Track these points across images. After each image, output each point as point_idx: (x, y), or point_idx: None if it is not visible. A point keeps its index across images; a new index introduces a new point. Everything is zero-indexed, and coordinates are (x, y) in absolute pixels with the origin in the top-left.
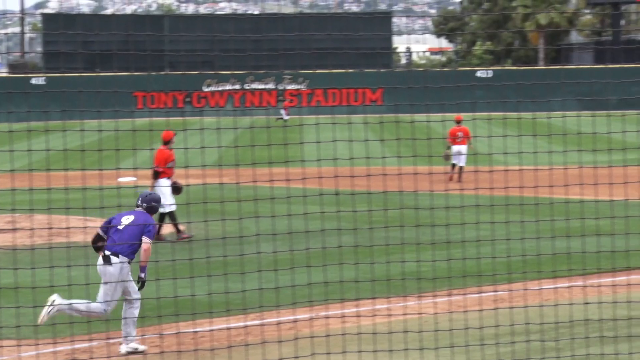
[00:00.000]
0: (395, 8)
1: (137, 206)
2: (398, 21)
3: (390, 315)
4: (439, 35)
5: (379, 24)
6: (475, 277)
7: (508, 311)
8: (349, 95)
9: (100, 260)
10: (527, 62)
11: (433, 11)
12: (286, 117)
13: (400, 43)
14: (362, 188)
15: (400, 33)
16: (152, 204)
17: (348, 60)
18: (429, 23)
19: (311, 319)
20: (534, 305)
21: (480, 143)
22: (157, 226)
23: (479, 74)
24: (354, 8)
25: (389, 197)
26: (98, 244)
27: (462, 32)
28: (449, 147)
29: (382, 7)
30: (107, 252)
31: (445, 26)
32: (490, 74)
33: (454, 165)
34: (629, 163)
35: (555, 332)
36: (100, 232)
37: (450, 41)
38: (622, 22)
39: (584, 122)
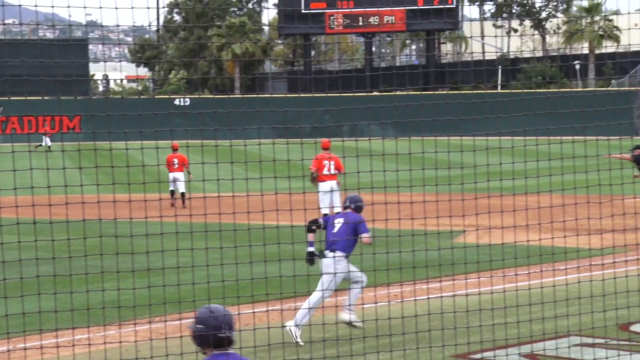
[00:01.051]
0: (91, 35)
1: (345, 208)
2: (94, 48)
3: (90, 344)
4: (138, 63)
5: (75, 51)
6: (175, 303)
7: None
8: (46, 122)
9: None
10: (223, 91)
11: (129, 39)
12: None
13: (97, 70)
14: (60, 217)
15: (96, 60)
16: (358, 204)
17: (44, 87)
18: (126, 51)
19: (9, 351)
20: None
21: (196, 170)
22: None
23: (177, 102)
24: (49, 34)
25: (88, 226)
26: (312, 227)
27: (159, 60)
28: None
29: (78, 34)
30: (324, 249)
31: (143, 54)
32: (187, 102)
33: (172, 192)
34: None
35: (254, 356)
36: (320, 220)
37: (150, 69)
38: (313, 52)
39: (279, 150)
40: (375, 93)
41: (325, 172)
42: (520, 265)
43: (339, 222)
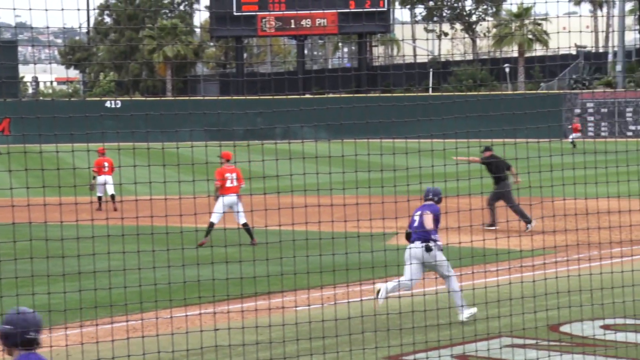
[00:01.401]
0: (20, 37)
1: (427, 199)
2: (24, 50)
3: None
4: (68, 65)
5: (4, 53)
6: (107, 307)
7: (140, 340)
8: None
9: (417, 244)
10: (155, 93)
11: (59, 41)
12: None
13: (26, 72)
14: None
15: (26, 62)
16: (440, 196)
17: None
18: (56, 52)
19: None
20: (165, 333)
21: (127, 172)
22: None
23: (108, 104)
24: None
25: (18, 229)
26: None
27: (89, 62)
28: (94, 178)
29: (7, 35)
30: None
31: (73, 56)
32: (119, 104)
33: (100, 197)
34: (254, 192)
35: None
36: (409, 230)
37: (81, 71)
38: (245, 55)
39: (211, 152)
40: (307, 96)
41: (228, 184)
42: (453, 267)
43: (418, 215)
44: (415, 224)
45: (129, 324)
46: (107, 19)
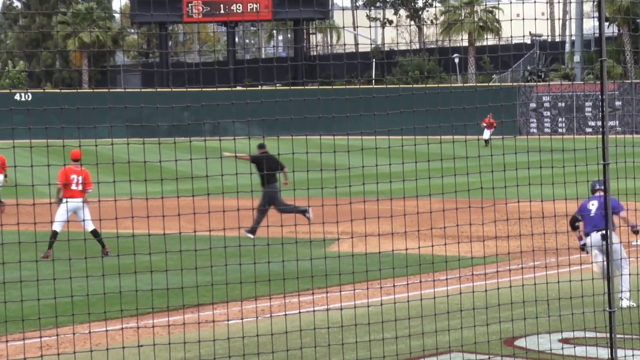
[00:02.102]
0: None
1: (594, 191)
2: None
3: None
4: None
5: None
6: (18, 322)
7: (56, 358)
8: None
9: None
10: (70, 85)
11: None
12: None
13: None
14: None
15: None
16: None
17: None
18: None
19: None
20: (83, 350)
21: (22, 173)
22: None
23: (17, 97)
24: None
25: None
26: (575, 224)
27: None
28: None
29: None
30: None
31: None
32: (29, 97)
33: None
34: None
35: None
36: (577, 215)
37: None
38: (170, 43)
39: (134, 150)
40: (239, 88)
41: (73, 187)
42: (399, 276)
43: (593, 205)
44: (592, 214)
45: (43, 340)
46: (17, 3)
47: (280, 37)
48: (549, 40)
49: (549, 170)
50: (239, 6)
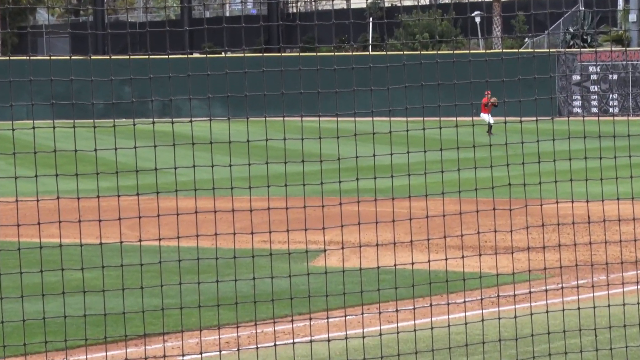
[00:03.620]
0: None
1: None
2: None
3: None
4: None
5: None
6: None
7: None
8: None
9: None
10: None
11: None
12: None
13: None
14: None
15: None
16: None
17: None
18: None
19: None
20: None
21: None
22: None
23: None
24: None
25: None
26: None
27: None
28: None
29: None
30: None
31: None
32: None
33: None
34: (122, 192)
35: None
36: None
37: None
38: None
39: (61, 135)
40: (196, 55)
41: None
42: (403, 298)
43: None
44: None
45: None
46: None
47: None
48: None
49: (596, 162)
50: None
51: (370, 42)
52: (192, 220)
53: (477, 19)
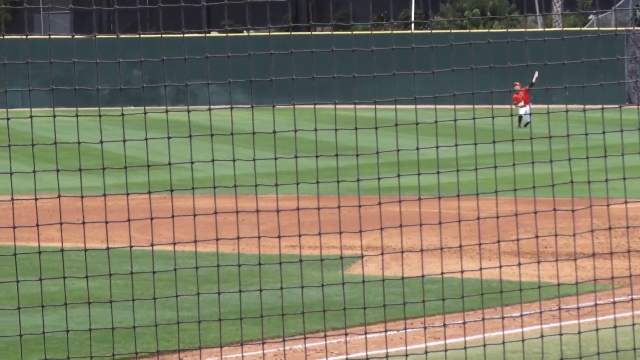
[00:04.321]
0: None
1: None
2: None
3: None
4: None
5: None
6: None
7: None
8: None
9: None
10: None
11: None
12: None
13: None
14: None
15: None
16: None
17: None
18: None
19: None
20: None
21: None
22: None
23: None
24: None
25: None
26: None
27: None
28: None
29: None
30: None
31: None
32: None
33: None
34: (132, 189)
35: None
36: None
37: None
38: None
39: (62, 126)
40: (215, 34)
41: None
42: (451, 312)
43: None
44: None
45: None
46: None
47: None
48: None
49: None
50: None
51: (412, 19)
52: (211, 222)
53: None
